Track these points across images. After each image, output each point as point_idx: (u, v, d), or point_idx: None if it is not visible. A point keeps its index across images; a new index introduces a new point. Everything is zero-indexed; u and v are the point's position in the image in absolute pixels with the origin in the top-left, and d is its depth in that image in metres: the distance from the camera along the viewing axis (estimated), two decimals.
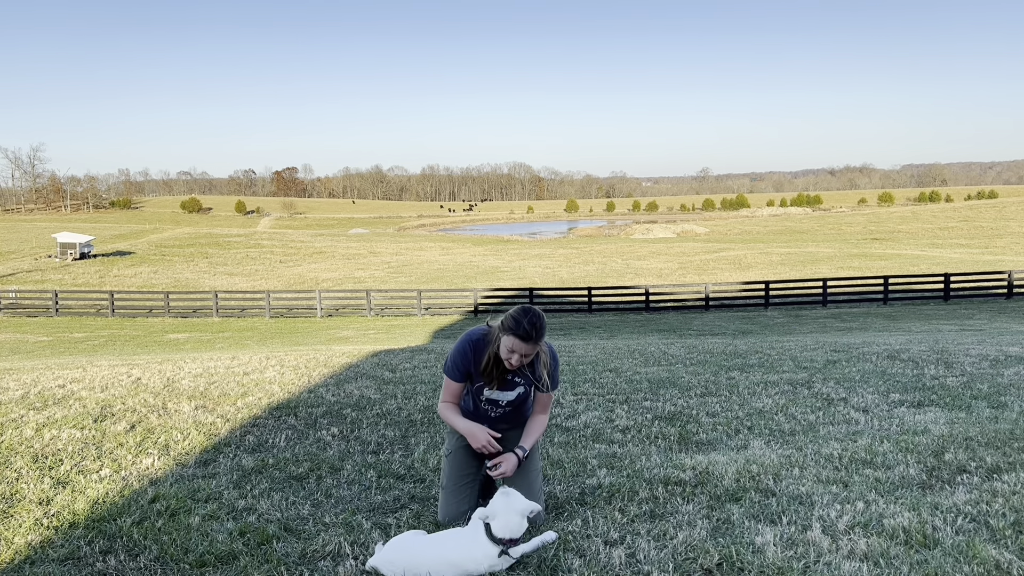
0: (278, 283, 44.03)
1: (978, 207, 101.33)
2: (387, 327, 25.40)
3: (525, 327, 3.00)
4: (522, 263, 48.77)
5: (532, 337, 3.00)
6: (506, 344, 3.04)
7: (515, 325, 3.01)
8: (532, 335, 3.00)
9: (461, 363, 3.18)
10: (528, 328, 2.99)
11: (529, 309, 3.07)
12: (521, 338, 3.00)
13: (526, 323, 3.01)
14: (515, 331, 3.00)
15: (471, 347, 3.18)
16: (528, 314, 3.04)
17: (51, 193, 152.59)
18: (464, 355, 3.18)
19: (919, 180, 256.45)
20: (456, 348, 3.21)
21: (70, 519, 3.20)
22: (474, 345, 3.17)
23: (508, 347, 3.04)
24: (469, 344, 3.18)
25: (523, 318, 3.03)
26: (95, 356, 15.36)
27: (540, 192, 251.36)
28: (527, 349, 3.04)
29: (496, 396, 3.23)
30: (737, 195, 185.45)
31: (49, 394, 6.24)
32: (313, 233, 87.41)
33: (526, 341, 3.01)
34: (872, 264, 42.38)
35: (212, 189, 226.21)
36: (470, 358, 3.18)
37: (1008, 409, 4.96)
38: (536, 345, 3.05)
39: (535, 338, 3.01)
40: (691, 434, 4.62)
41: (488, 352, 3.13)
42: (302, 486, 3.68)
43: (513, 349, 3.04)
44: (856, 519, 2.85)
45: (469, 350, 3.18)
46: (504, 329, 3.04)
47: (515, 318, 3.03)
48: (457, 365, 3.19)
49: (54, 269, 48.35)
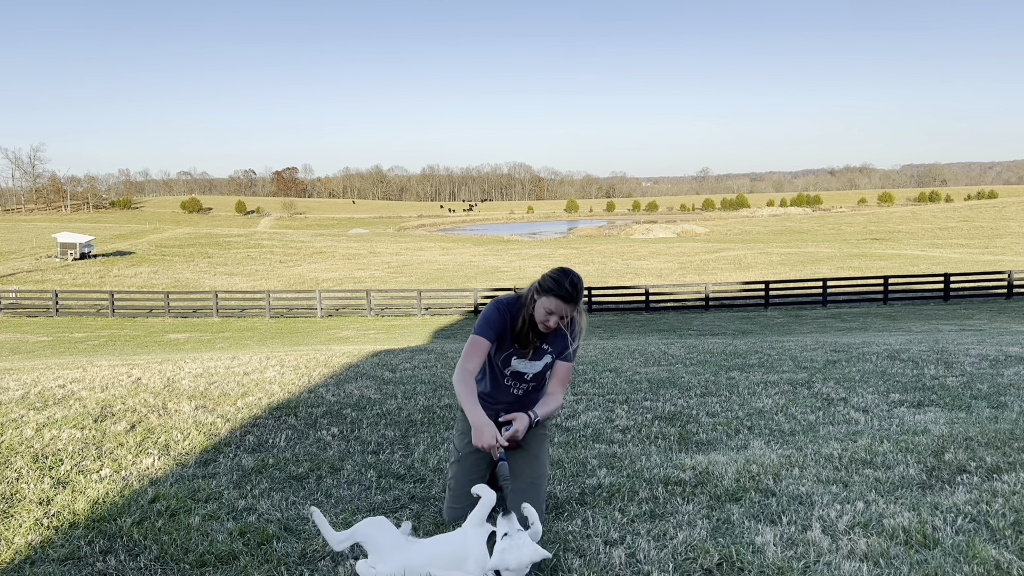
0: (278, 283, 44.03)
1: (978, 207, 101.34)
2: (387, 327, 25.40)
3: (567, 288, 2.88)
4: (522, 263, 48.76)
5: (574, 298, 2.90)
6: (545, 306, 2.92)
7: (556, 285, 2.89)
8: (574, 295, 2.90)
9: (497, 322, 3.01)
10: (570, 288, 2.89)
11: (568, 269, 2.97)
12: (563, 299, 2.89)
13: (568, 283, 2.89)
14: (557, 292, 2.88)
15: (505, 309, 3.03)
16: (569, 274, 2.93)
17: (51, 193, 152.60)
18: (500, 315, 3.02)
19: (919, 180, 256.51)
20: (488, 311, 3.04)
21: (70, 519, 3.20)
22: (508, 307, 3.03)
23: (547, 308, 2.92)
24: (502, 306, 3.03)
25: (564, 278, 2.91)
26: (95, 356, 15.36)
27: (540, 192, 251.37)
28: (568, 310, 2.93)
29: (523, 367, 3.11)
30: (737, 195, 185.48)
31: (49, 394, 6.24)
32: (313, 233, 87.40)
33: (568, 302, 2.90)
34: (872, 264, 42.38)
35: (212, 189, 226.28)
36: (506, 319, 3.02)
37: (1008, 409, 4.96)
38: (577, 305, 2.95)
39: (576, 298, 2.91)
40: (691, 434, 4.62)
41: (523, 314, 2.99)
42: (302, 486, 3.68)
43: (552, 311, 2.92)
44: (856, 519, 2.85)
45: (504, 311, 3.03)
46: (543, 290, 2.92)
47: (555, 279, 2.91)
48: (492, 323, 3.01)
49: (54, 269, 48.35)
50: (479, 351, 2.99)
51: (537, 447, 3.15)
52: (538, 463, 3.14)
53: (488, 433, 2.84)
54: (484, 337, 2.99)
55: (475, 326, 3.04)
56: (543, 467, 3.15)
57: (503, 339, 3.04)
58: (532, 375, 3.13)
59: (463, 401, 2.92)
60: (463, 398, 2.92)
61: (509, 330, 3.02)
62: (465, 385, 2.94)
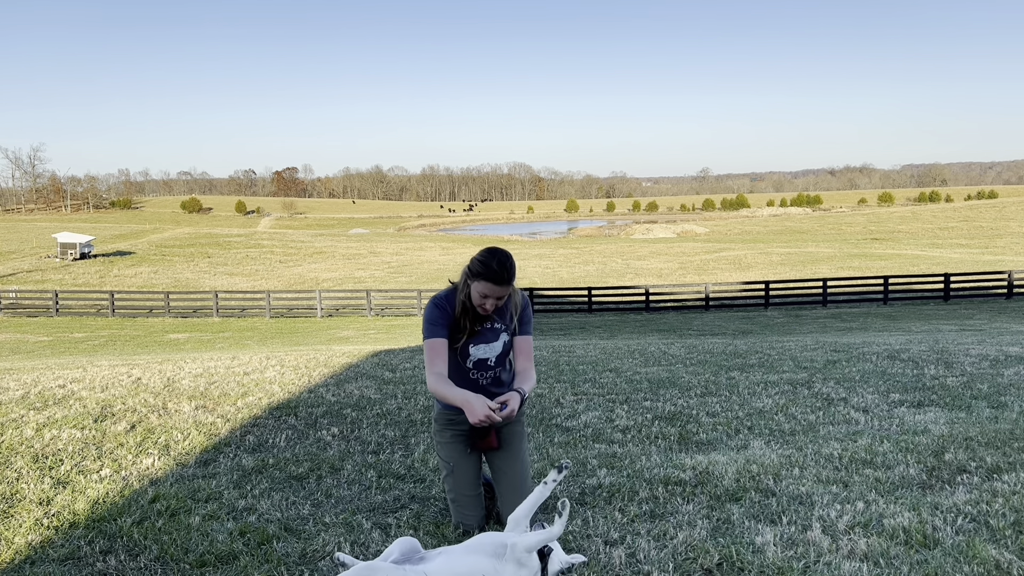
0: (278, 283, 44.04)
1: (978, 207, 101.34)
2: (387, 327, 25.41)
3: (495, 268, 2.83)
4: (522, 263, 48.76)
5: (504, 279, 2.85)
6: (478, 290, 2.88)
7: (484, 268, 2.84)
8: (504, 276, 2.85)
9: (440, 318, 2.97)
10: (498, 269, 2.84)
11: (496, 249, 2.90)
12: (494, 281, 2.84)
13: (495, 264, 2.84)
14: (486, 275, 2.84)
15: (444, 303, 2.99)
16: (496, 254, 2.87)
17: (51, 193, 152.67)
18: (441, 311, 2.98)
19: (919, 180, 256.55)
20: (429, 312, 3.01)
21: (70, 519, 3.20)
22: (446, 300, 2.99)
23: (480, 292, 2.88)
24: (440, 301, 2.99)
25: (491, 260, 2.85)
26: (95, 356, 15.36)
27: (540, 192, 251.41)
28: (501, 291, 2.88)
29: (483, 353, 3.05)
30: (737, 195, 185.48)
31: (49, 394, 6.24)
32: (313, 233, 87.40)
33: (499, 283, 2.85)
34: (872, 264, 42.39)
35: (212, 189, 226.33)
36: (448, 312, 2.98)
37: (1008, 409, 4.96)
38: (510, 286, 2.90)
39: (508, 279, 2.86)
40: (691, 434, 4.62)
41: (458, 299, 2.95)
42: (302, 486, 3.68)
43: (486, 294, 2.88)
44: (856, 519, 2.85)
45: (443, 305, 2.98)
46: (473, 275, 2.88)
47: (482, 261, 2.86)
48: (436, 321, 2.96)
49: (54, 269, 48.35)
50: (439, 353, 2.95)
51: (517, 444, 3.10)
52: (519, 461, 3.08)
53: (479, 405, 2.76)
54: (437, 337, 2.95)
55: (424, 330, 3.00)
56: (525, 464, 3.10)
57: (453, 331, 3.00)
58: (495, 358, 3.08)
59: (443, 393, 2.88)
60: (444, 392, 2.88)
61: (454, 322, 2.98)
62: (442, 383, 2.91)
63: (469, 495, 3.05)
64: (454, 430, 3.09)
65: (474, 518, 3.02)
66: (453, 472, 3.06)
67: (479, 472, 3.12)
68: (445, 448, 3.11)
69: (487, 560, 2.35)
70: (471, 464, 3.08)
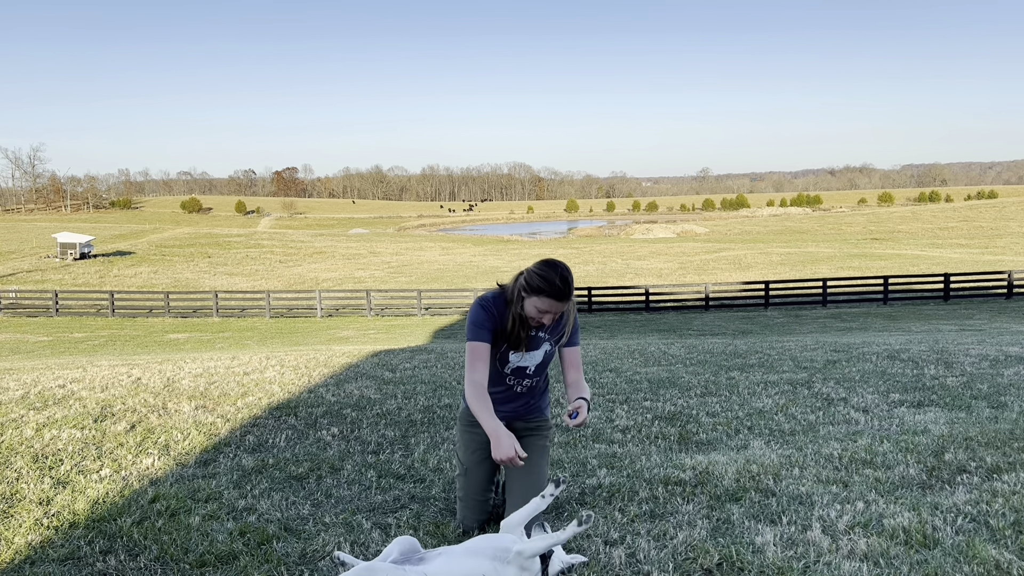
0: (278, 283, 44.04)
1: (978, 207, 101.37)
2: (387, 327, 25.41)
3: (558, 285, 2.71)
4: (522, 263, 48.37)
5: (567, 295, 2.75)
6: (536, 305, 2.77)
7: (546, 285, 2.71)
8: (566, 292, 2.74)
9: (487, 321, 2.84)
10: (562, 286, 2.72)
11: (555, 263, 2.77)
12: (556, 297, 2.73)
13: (558, 280, 2.72)
14: (548, 292, 2.72)
15: (491, 306, 2.87)
16: (557, 269, 2.74)
17: (51, 193, 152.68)
18: (488, 313, 2.85)
19: (919, 180, 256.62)
20: (475, 313, 2.86)
21: (70, 519, 3.20)
22: (493, 302, 2.87)
23: (539, 308, 2.77)
24: (487, 303, 2.87)
25: (552, 275, 2.72)
26: (95, 356, 15.36)
27: (540, 192, 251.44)
28: (561, 307, 2.78)
29: (524, 362, 2.96)
30: (737, 195, 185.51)
31: (49, 394, 6.24)
32: (313, 233, 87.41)
33: (561, 300, 2.74)
34: (872, 264, 42.39)
35: (212, 189, 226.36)
36: (494, 316, 2.86)
37: (1008, 409, 4.96)
38: (570, 300, 2.79)
39: (569, 295, 2.76)
40: (691, 434, 4.62)
41: (511, 313, 2.83)
42: (302, 486, 3.68)
43: (546, 309, 2.77)
44: (856, 519, 2.85)
45: (490, 308, 2.86)
46: (532, 290, 2.75)
47: (543, 276, 2.72)
48: (482, 323, 2.83)
49: (54, 269, 48.34)
50: (482, 357, 2.86)
51: (536, 458, 3.04)
52: (536, 474, 3.01)
53: (507, 444, 2.71)
54: (481, 341, 2.85)
55: (468, 331, 2.90)
56: (541, 478, 3.03)
57: (497, 337, 2.91)
58: (534, 367, 3.01)
59: (477, 410, 2.81)
60: (479, 412, 2.80)
61: (500, 328, 2.88)
62: (480, 400, 2.81)
63: (478, 499, 3.04)
64: (475, 433, 3.04)
65: (476, 520, 3.03)
66: (466, 474, 3.06)
67: (492, 478, 3.09)
68: (464, 449, 3.09)
69: (488, 563, 2.34)
70: (486, 469, 3.05)
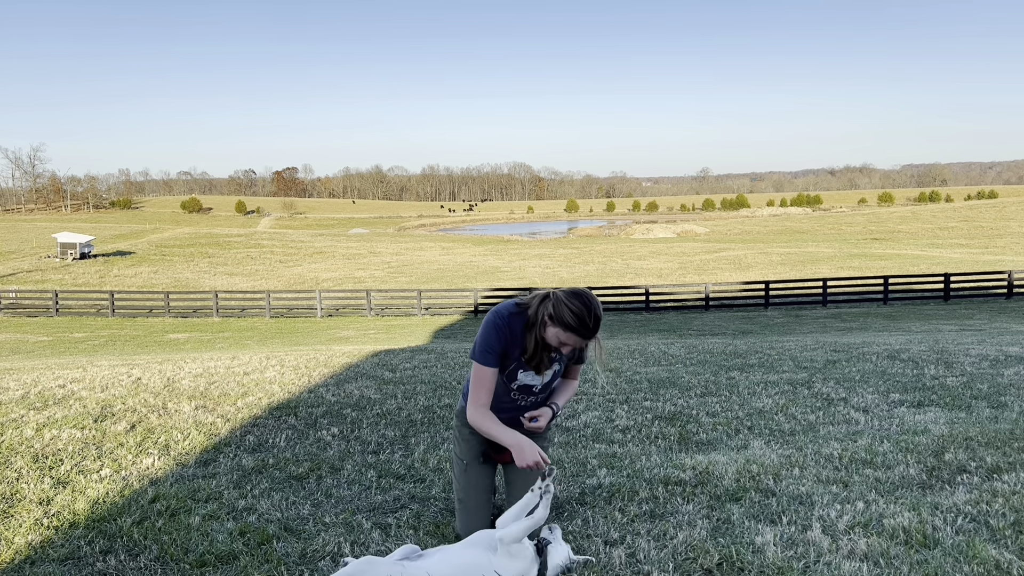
0: (278, 283, 44.04)
1: (978, 207, 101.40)
2: (387, 327, 25.40)
3: (590, 325, 2.61)
4: (522, 263, 48.74)
5: (595, 332, 2.64)
6: (560, 337, 2.66)
7: (577, 323, 2.59)
8: (595, 331, 2.64)
9: (497, 343, 2.71)
10: (593, 326, 2.62)
11: (588, 299, 2.63)
12: (583, 336, 2.63)
13: (591, 321, 2.60)
14: (577, 330, 2.61)
15: (505, 324, 2.73)
16: (591, 308, 2.61)
17: (51, 193, 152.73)
18: (500, 332, 2.72)
19: (919, 180, 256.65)
20: (488, 328, 2.72)
21: (70, 519, 3.20)
22: (508, 321, 2.73)
23: (561, 339, 2.66)
24: (502, 320, 2.73)
25: (587, 314, 2.59)
26: (95, 356, 15.36)
27: (540, 192, 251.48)
28: (584, 343, 2.69)
29: (532, 380, 2.86)
30: (737, 195, 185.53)
31: (49, 394, 6.24)
32: (313, 233, 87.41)
33: (588, 338, 2.65)
34: (872, 264, 42.39)
35: (212, 189, 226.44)
36: (506, 336, 2.73)
37: (1008, 409, 4.96)
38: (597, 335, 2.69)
39: (597, 331, 2.65)
40: (691, 434, 4.62)
41: (533, 335, 2.71)
42: (302, 486, 3.68)
43: (568, 343, 2.67)
44: (856, 519, 2.85)
45: (504, 327, 2.73)
46: (560, 323, 2.62)
47: (576, 314, 2.59)
48: (492, 347, 2.70)
49: (54, 269, 48.34)
50: (489, 383, 2.75)
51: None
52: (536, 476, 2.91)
53: (530, 451, 2.64)
54: (489, 366, 2.74)
55: (475, 349, 2.77)
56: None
57: (507, 356, 2.79)
58: (541, 386, 2.92)
59: (489, 430, 2.74)
60: (491, 430, 2.74)
61: (513, 347, 2.76)
62: (487, 419, 2.75)
63: (477, 500, 2.95)
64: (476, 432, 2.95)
65: (479, 526, 2.89)
66: (466, 471, 2.98)
67: (492, 478, 3.04)
68: (462, 445, 3.01)
69: (483, 553, 2.42)
70: (486, 469, 3.00)
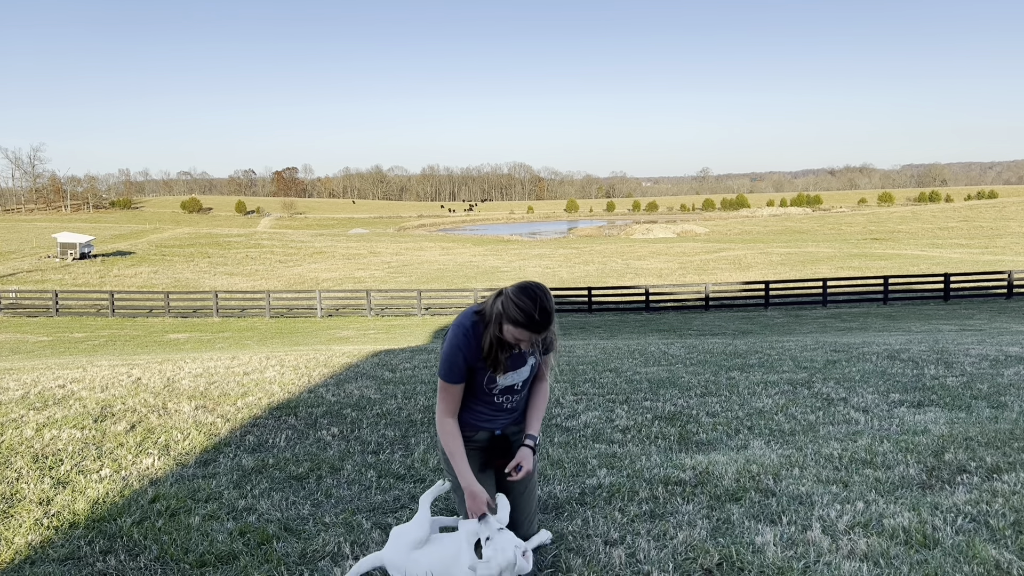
0: (278, 283, 44.03)
1: (978, 207, 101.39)
2: (387, 327, 25.40)
3: (537, 320, 2.58)
4: (522, 263, 48.75)
5: (545, 326, 2.61)
6: (514, 334, 2.63)
7: (524, 318, 2.57)
8: (546, 324, 2.60)
9: (463, 359, 2.71)
10: (541, 320, 2.58)
11: (534, 293, 2.59)
12: (534, 331, 2.60)
13: (538, 316, 2.57)
14: (527, 325, 2.59)
15: (470, 334, 2.70)
16: (537, 302, 2.57)
17: (51, 193, 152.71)
18: (464, 347, 2.70)
19: (919, 180, 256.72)
20: (451, 343, 2.71)
21: (70, 519, 3.20)
22: (471, 331, 2.71)
23: (516, 336, 2.63)
24: (465, 332, 2.71)
25: (532, 308, 2.56)
26: (95, 356, 15.36)
27: (540, 192, 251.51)
28: (539, 338, 2.65)
29: (511, 380, 2.81)
30: (737, 195, 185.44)
31: (49, 394, 6.24)
32: (313, 233, 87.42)
33: (539, 332, 2.61)
34: (872, 264, 42.39)
35: (212, 189, 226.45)
36: (473, 347, 2.70)
37: (1008, 409, 4.96)
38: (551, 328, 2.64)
39: (549, 324, 2.61)
40: (691, 434, 4.62)
41: (488, 336, 2.68)
42: (302, 486, 3.68)
43: (524, 339, 2.64)
44: (856, 519, 2.85)
45: (467, 339, 2.70)
46: (510, 321, 2.60)
47: (523, 309, 2.57)
48: (456, 364, 2.71)
49: (54, 269, 48.34)
50: (455, 395, 2.77)
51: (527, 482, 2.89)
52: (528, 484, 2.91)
53: (481, 499, 2.66)
54: (452, 383, 2.74)
55: (441, 366, 2.75)
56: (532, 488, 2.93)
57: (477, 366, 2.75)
58: (521, 383, 2.88)
59: (452, 459, 2.74)
60: (452, 456, 2.74)
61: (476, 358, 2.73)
62: (452, 438, 2.75)
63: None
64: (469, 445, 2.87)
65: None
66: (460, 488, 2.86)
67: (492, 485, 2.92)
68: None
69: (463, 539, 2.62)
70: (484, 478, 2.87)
